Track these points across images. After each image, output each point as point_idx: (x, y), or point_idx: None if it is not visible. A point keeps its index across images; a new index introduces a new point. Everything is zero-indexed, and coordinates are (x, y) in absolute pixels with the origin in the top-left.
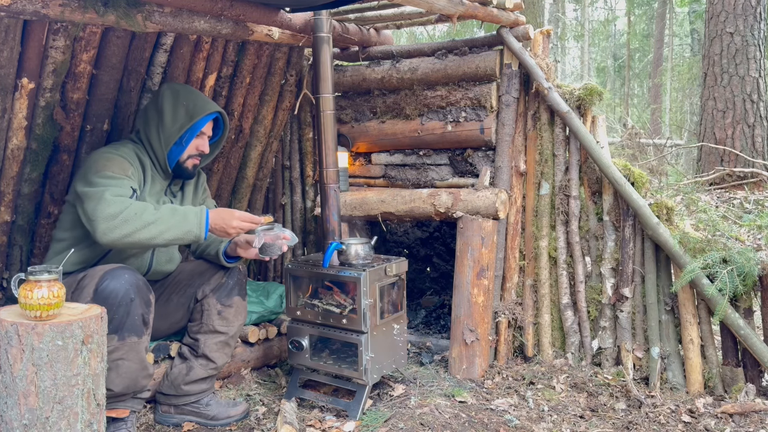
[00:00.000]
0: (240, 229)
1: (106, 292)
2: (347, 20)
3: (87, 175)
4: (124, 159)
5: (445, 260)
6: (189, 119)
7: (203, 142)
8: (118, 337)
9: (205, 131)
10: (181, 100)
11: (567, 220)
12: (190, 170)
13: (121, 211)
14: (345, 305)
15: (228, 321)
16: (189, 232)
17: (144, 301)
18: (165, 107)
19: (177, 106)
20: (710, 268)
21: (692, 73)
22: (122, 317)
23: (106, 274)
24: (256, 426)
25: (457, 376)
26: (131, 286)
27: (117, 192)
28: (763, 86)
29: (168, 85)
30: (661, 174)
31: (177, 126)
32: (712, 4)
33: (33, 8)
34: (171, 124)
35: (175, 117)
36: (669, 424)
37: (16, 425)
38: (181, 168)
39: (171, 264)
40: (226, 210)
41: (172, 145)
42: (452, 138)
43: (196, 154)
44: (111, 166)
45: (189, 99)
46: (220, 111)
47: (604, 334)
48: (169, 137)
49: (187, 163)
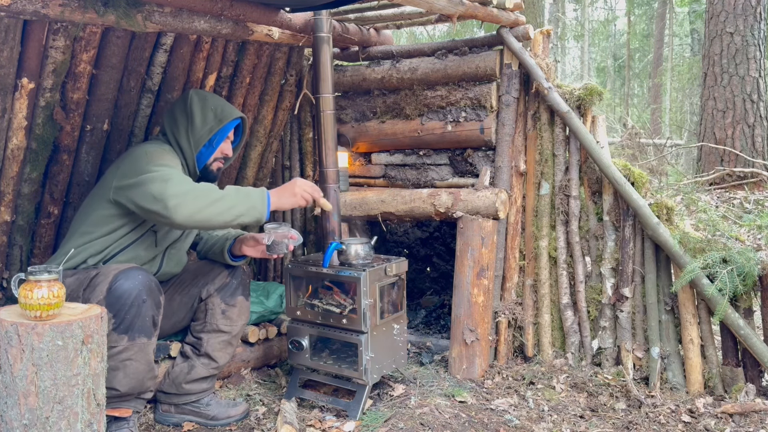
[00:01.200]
0: (305, 192)
1: (119, 292)
2: (347, 20)
3: (140, 165)
4: (173, 154)
5: (445, 260)
6: (218, 122)
7: (228, 146)
8: (128, 337)
9: (230, 135)
10: (209, 104)
11: (567, 220)
12: (215, 173)
13: (191, 189)
14: (345, 305)
15: (232, 320)
16: (253, 207)
17: (155, 303)
18: (194, 111)
19: (206, 110)
20: (710, 268)
21: (692, 73)
22: (133, 318)
23: (119, 274)
24: (256, 426)
25: (457, 376)
26: (144, 287)
27: (182, 174)
28: (763, 86)
29: (194, 90)
30: (661, 174)
31: (207, 128)
32: (712, 4)
33: (33, 8)
34: (201, 126)
35: (205, 120)
36: (669, 424)
37: (16, 425)
38: (208, 170)
39: (179, 266)
40: (285, 185)
41: (202, 147)
42: (452, 138)
43: (221, 157)
44: (166, 157)
45: (216, 104)
46: (243, 116)
47: (604, 334)
48: (199, 139)
49: (213, 165)
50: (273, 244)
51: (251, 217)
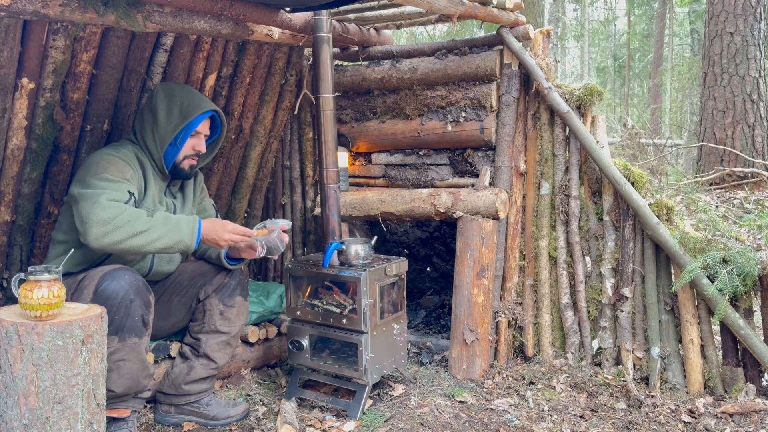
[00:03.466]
0: (231, 242)
1: (106, 294)
2: (347, 20)
3: (85, 177)
4: (124, 162)
5: (445, 260)
6: (183, 119)
7: (199, 142)
8: (119, 338)
9: (201, 130)
10: (175, 99)
11: (567, 220)
12: (187, 171)
13: (114, 217)
14: (345, 305)
15: (230, 321)
16: (180, 242)
17: (144, 302)
18: (159, 107)
19: (171, 106)
20: (710, 268)
21: (692, 73)
22: (122, 318)
23: (105, 276)
24: (256, 426)
25: (457, 376)
26: (131, 287)
27: (113, 196)
28: (763, 86)
29: (162, 84)
30: (661, 174)
31: (171, 126)
32: (712, 4)
33: (33, 8)
34: (165, 124)
35: (170, 117)
36: (669, 424)
37: (16, 425)
38: (178, 169)
39: (172, 265)
40: (219, 221)
41: (168, 146)
42: (452, 138)
43: (193, 154)
44: (110, 169)
45: (183, 98)
46: (216, 109)
47: (604, 334)
48: (164, 138)
49: (183, 163)
50: (270, 249)
51: (177, 250)
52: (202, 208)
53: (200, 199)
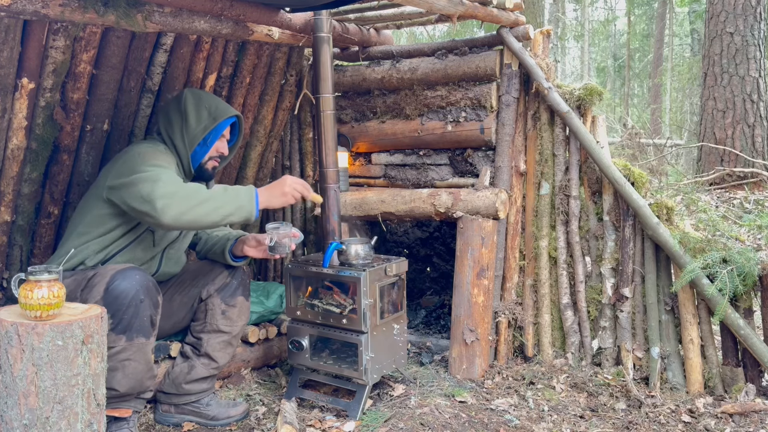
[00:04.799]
0: (295, 190)
1: (117, 292)
2: (347, 20)
3: (132, 165)
4: (167, 153)
5: (445, 260)
6: (213, 121)
7: (223, 144)
8: (126, 337)
9: (225, 134)
10: (203, 103)
11: (567, 220)
12: (210, 171)
13: (178, 190)
14: (345, 305)
15: (232, 321)
16: (241, 207)
17: (153, 303)
18: (189, 109)
19: (200, 108)
20: (710, 268)
21: (692, 73)
22: (131, 318)
23: (116, 274)
24: (256, 426)
25: (457, 376)
26: (141, 287)
27: (172, 175)
28: (763, 86)
29: (189, 89)
30: (661, 174)
31: (201, 127)
32: (712, 4)
33: (33, 8)
34: (195, 125)
35: (199, 119)
36: (669, 424)
37: (16, 425)
38: (203, 169)
39: (178, 266)
40: (275, 181)
41: (197, 146)
42: (452, 138)
43: (217, 156)
44: (159, 157)
45: (211, 102)
46: (239, 115)
47: (604, 334)
48: (194, 138)
49: (208, 164)
50: (275, 245)
51: (240, 217)
52: None
53: None
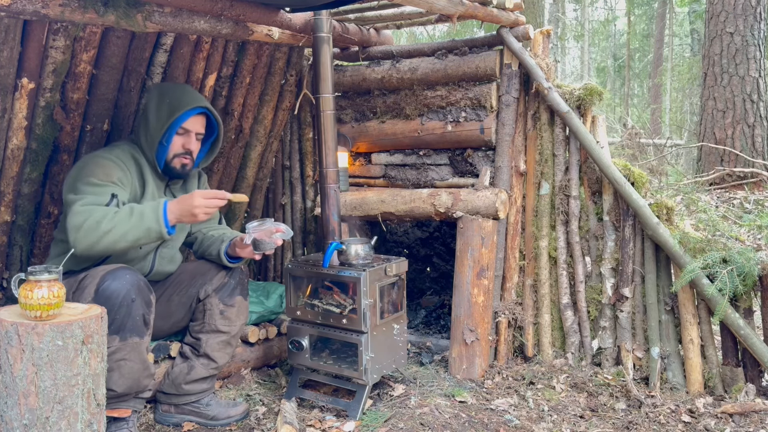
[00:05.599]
0: (206, 208)
1: (108, 293)
2: (347, 20)
3: (74, 181)
4: (113, 163)
5: (445, 260)
6: (169, 117)
7: (189, 140)
8: (120, 337)
9: (191, 128)
10: (165, 98)
11: (567, 220)
12: (179, 170)
13: (83, 222)
14: (345, 305)
15: (230, 321)
16: (149, 229)
17: (145, 302)
18: (150, 107)
19: (161, 104)
20: (710, 268)
21: (692, 73)
22: (124, 318)
23: (107, 275)
24: (256, 426)
25: (457, 376)
26: (132, 286)
27: (88, 201)
28: (763, 86)
29: (156, 84)
30: (661, 174)
31: (160, 124)
32: (712, 4)
33: (33, 8)
34: (155, 123)
35: (159, 116)
36: (669, 424)
37: (16, 425)
38: (170, 168)
39: (173, 264)
40: (186, 195)
41: (158, 144)
42: (452, 138)
43: (183, 153)
44: (97, 172)
45: (173, 96)
46: (207, 107)
47: (604, 334)
48: (154, 137)
49: (174, 162)
50: (256, 243)
51: (151, 239)
52: None
53: None
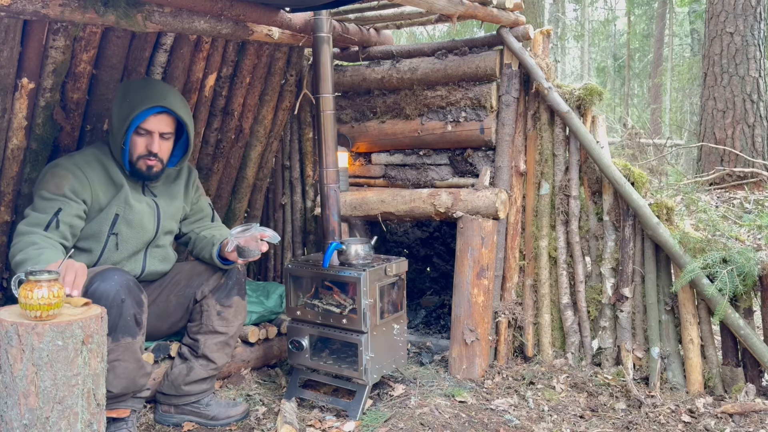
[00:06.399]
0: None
1: (97, 295)
2: (347, 20)
3: (35, 189)
4: (68, 172)
5: (445, 260)
6: (127, 116)
7: (151, 141)
8: (112, 338)
9: (151, 129)
10: (127, 97)
11: (567, 220)
12: (145, 172)
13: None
14: (345, 305)
15: (228, 321)
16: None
17: (136, 302)
18: (114, 108)
19: (122, 103)
20: (710, 268)
21: (692, 73)
22: (115, 319)
23: (95, 277)
24: (256, 426)
25: (457, 376)
26: (121, 287)
27: (31, 221)
28: (763, 86)
29: (123, 83)
30: (661, 174)
31: (119, 125)
32: (712, 4)
33: (33, 8)
34: (116, 123)
35: (120, 115)
36: (669, 424)
37: (16, 425)
38: (135, 169)
39: (165, 263)
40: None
41: (121, 145)
42: (452, 138)
43: (146, 155)
44: (48, 185)
45: (135, 95)
46: (167, 106)
47: (604, 334)
48: (117, 138)
49: (139, 164)
50: (241, 250)
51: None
52: (198, 208)
53: (195, 198)
